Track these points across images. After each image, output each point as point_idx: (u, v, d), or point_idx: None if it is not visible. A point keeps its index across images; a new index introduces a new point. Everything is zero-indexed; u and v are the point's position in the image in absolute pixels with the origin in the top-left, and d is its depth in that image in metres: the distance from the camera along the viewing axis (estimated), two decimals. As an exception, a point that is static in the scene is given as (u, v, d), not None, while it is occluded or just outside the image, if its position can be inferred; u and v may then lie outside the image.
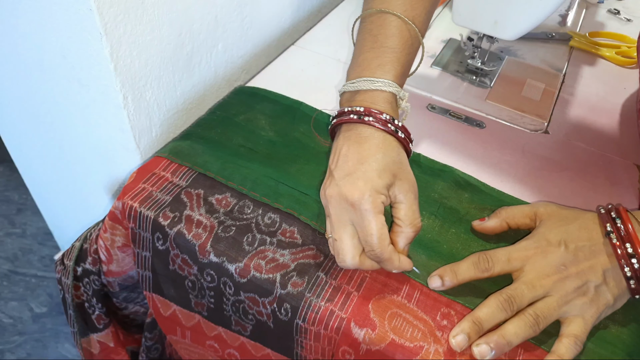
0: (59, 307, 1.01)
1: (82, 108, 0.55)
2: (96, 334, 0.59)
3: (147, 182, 0.50)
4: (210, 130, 0.56)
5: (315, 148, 0.54)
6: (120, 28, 0.45)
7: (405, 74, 0.47)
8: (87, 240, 0.55)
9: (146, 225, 0.49)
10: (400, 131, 0.43)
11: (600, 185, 0.53)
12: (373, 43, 0.46)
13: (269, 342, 0.48)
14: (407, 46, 0.46)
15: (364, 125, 0.43)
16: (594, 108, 0.64)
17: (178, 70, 0.56)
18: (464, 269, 0.41)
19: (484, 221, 0.46)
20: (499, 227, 0.45)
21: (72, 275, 0.55)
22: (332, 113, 0.57)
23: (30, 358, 0.95)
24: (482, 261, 0.41)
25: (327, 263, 0.44)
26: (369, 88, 0.44)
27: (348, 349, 0.42)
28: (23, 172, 0.80)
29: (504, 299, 0.38)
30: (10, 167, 1.26)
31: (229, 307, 0.48)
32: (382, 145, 0.42)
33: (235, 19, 0.62)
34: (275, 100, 0.60)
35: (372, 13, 0.46)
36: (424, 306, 0.42)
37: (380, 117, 0.42)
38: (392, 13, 0.45)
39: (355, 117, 0.43)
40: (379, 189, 0.40)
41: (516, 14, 0.53)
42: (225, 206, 0.48)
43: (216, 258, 0.45)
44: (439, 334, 0.40)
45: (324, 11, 0.83)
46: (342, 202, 0.40)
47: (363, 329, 0.40)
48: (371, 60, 0.45)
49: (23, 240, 1.13)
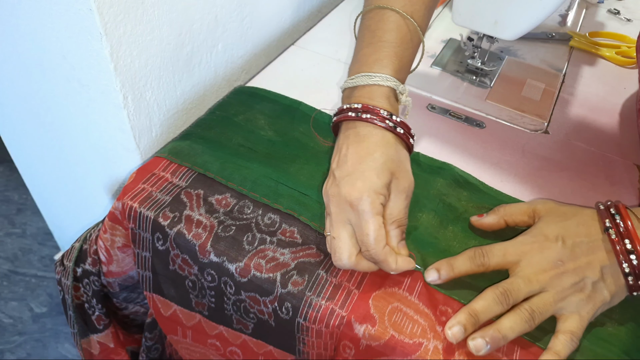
0: (59, 307, 1.01)
1: (82, 108, 0.55)
2: (96, 334, 0.59)
3: (146, 183, 0.50)
4: (210, 130, 0.55)
5: (314, 148, 0.54)
6: (120, 28, 0.45)
7: (405, 69, 0.46)
8: (86, 241, 0.55)
9: (146, 226, 0.49)
10: (399, 127, 0.43)
11: (600, 185, 0.53)
12: (371, 38, 0.45)
13: (271, 339, 0.48)
14: (406, 41, 0.45)
15: (363, 122, 0.42)
16: (594, 108, 0.64)
17: (178, 70, 0.56)
18: (460, 262, 0.41)
19: (482, 217, 0.46)
20: (497, 224, 0.45)
21: (72, 276, 0.55)
22: (332, 112, 0.58)
23: (30, 358, 0.95)
24: (478, 255, 0.41)
25: (328, 261, 0.44)
26: (366, 83, 0.44)
27: (349, 343, 0.42)
28: (23, 172, 0.80)
29: (500, 292, 0.38)
30: (10, 167, 1.26)
31: (230, 306, 0.48)
32: (381, 143, 0.41)
33: (235, 18, 0.62)
34: (275, 100, 0.60)
35: (371, 9, 0.46)
36: (426, 299, 0.42)
37: (378, 112, 0.42)
38: (390, 8, 0.45)
39: (353, 114, 0.43)
40: (377, 189, 0.40)
41: (516, 14, 0.53)
42: (225, 206, 0.48)
43: (216, 258, 0.45)
44: (439, 329, 0.40)
45: (324, 11, 0.83)
46: (342, 202, 0.40)
47: (363, 324, 0.40)
48: (369, 55, 0.45)
49: (23, 240, 1.13)
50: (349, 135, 0.43)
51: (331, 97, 0.61)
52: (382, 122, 0.42)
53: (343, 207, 0.40)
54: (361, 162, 0.41)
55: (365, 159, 0.41)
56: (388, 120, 0.42)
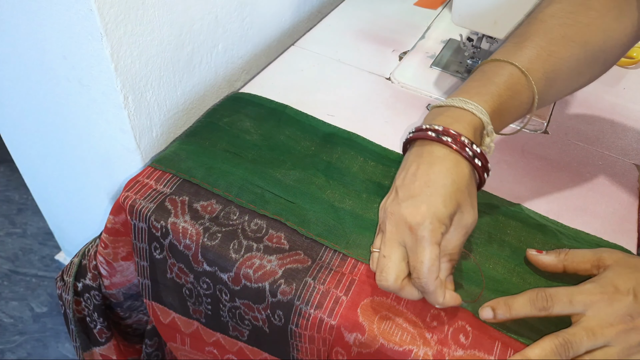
0: (59, 307, 1.02)
1: (82, 108, 0.55)
2: (98, 347, 0.59)
3: (130, 191, 0.49)
4: (194, 135, 0.55)
5: (301, 152, 0.53)
6: (121, 28, 0.45)
7: (504, 116, 0.43)
8: (85, 256, 0.55)
9: (142, 237, 0.49)
10: (478, 158, 0.40)
11: (600, 185, 0.53)
12: (481, 77, 0.43)
13: (266, 346, 0.48)
14: (515, 90, 0.42)
15: (439, 144, 0.40)
16: (594, 108, 0.64)
17: (178, 71, 0.56)
18: (519, 305, 0.39)
19: (541, 254, 0.43)
20: (554, 266, 0.43)
21: (73, 290, 0.55)
22: (320, 117, 0.57)
23: (31, 358, 0.95)
24: (540, 299, 0.38)
25: (315, 267, 0.43)
26: (459, 106, 0.41)
27: (341, 350, 0.42)
28: (24, 172, 0.80)
29: (559, 343, 0.36)
30: (10, 167, 1.27)
31: (225, 313, 0.48)
32: (454, 170, 0.39)
33: (236, 19, 0.62)
34: (260, 104, 0.59)
35: (488, 61, 0.44)
36: (414, 308, 0.41)
37: (459, 139, 0.39)
38: (507, 61, 0.42)
39: (433, 134, 0.40)
40: (441, 218, 0.37)
41: (516, 14, 0.53)
42: (210, 212, 0.47)
43: (209, 267, 0.45)
44: (428, 336, 0.40)
45: (324, 11, 0.83)
46: (401, 223, 0.38)
47: (352, 333, 0.40)
48: (472, 87, 0.42)
49: (24, 240, 1.13)
50: (422, 154, 0.40)
51: (331, 97, 0.61)
52: (461, 148, 0.39)
53: (401, 228, 0.38)
54: (429, 185, 0.38)
55: (434, 184, 0.38)
56: (468, 149, 0.39)
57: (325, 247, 0.45)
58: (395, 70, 0.66)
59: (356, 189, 0.50)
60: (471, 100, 0.41)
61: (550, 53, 0.42)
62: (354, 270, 0.44)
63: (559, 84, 0.44)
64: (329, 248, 0.45)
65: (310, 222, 0.46)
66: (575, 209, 0.51)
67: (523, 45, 0.43)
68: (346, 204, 0.48)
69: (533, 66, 0.42)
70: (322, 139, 0.55)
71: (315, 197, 0.49)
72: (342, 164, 0.52)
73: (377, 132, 0.57)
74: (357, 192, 0.50)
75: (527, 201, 0.50)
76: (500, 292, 0.42)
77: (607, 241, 0.47)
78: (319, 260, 0.44)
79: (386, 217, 0.40)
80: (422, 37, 0.74)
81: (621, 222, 0.50)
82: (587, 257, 0.42)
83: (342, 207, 0.48)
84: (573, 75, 0.44)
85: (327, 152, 0.54)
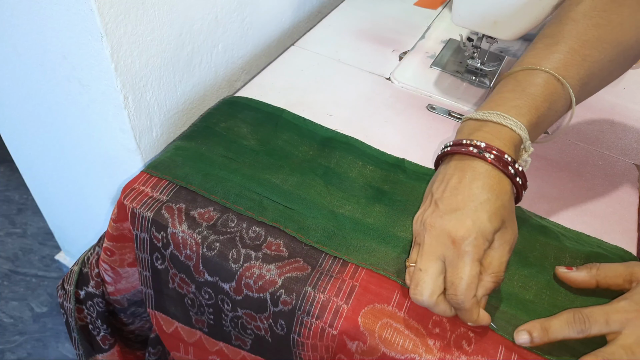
0: (59, 307, 1.02)
1: (82, 108, 0.55)
2: (102, 354, 0.59)
3: (126, 199, 0.48)
4: (190, 140, 0.54)
5: (299, 157, 0.53)
6: (121, 28, 0.45)
7: (540, 128, 0.43)
8: (85, 264, 0.55)
9: (144, 247, 0.48)
10: (519, 177, 0.40)
11: (600, 185, 0.53)
12: (515, 87, 0.42)
13: (269, 355, 0.47)
14: (552, 101, 0.41)
15: (481, 160, 0.39)
16: (594, 108, 0.64)
17: (178, 71, 0.56)
18: (556, 327, 0.38)
19: (571, 271, 0.43)
20: (587, 283, 0.42)
21: (74, 299, 0.55)
22: (320, 117, 0.57)
23: (31, 358, 0.95)
24: (578, 321, 0.38)
25: (315, 274, 0.43)
26: (498, 122, 0.40)
27: (344, 357, 0.42)
28: (24, 172, 0.80)
29: None
30: (10, 167, 1.27)
31: (228, 322, 0.48)
32: (497, 187, 0.39)
33: (236, 19, 0.62)
34: (257, 108, 0.58)
35: (518, 70, 0.43)
36: (416, 315, 0.41)
37: (503, 157, 0.39)
38: (541, 69, 0.42)
39: (475, 150, 0.39)
40: (486, 234, 0.37)
41: (516, 14, 0.53)
42: (208, 220, 0.46)
43: (211, 277, 0.45)
44: (430, 343, 0.39)
45: (324, 11, 0.83)
46: (443, 236, 0.37)
47: (354, 342, 0.40)
48: (509, 100, 0.42)
49: (24, 240, 1.13)
50: (463, 168, 0.40)
51: (330, 97, 0.61)
52: (504, 167, 0.39)
53: (442, 242, 0.37)
54: (473, 199, 0.38)
55: (478, 199, 0.38)
56: (510, 167, 0.39)
57: (324, 253, 0.44)
58: (395, 70, 0.66)
59: (355, 194, 0.49)
60: (509, 114, 0.40)
61: (584, 57, 0.42)
62: (355, 276, 0.43)
63: (591, 87, 0.44)
64: (329, 254, 0.44)
65: (310, 228, 0.46)
66: (575, 209, 0.51)
67: (556, 49, 0.42)
68: (345, 209, 0.48)
69: (569, 73, 0.41)
70: (320, 144, 0.54)
71: (314, 203, 0.48)
72: (341, 169, 0.52)
73: (377, 132, 0.57)
74: (356, 197, 0.49)
75: (527, 201, 0.50)
76: (498, 298, 0.42)
77: (608, 243, 0.47)
78: (319, 267, 0.43)
79: (425, 230, 0.39)
80: (422, 37, 0.74)
81: (621, 222, 0.50)
82: (619, 272, 0.41)
83: (341, 213, 0.47)
84: (605, 75, 0.44)
85: (325, 156, 0.53)
